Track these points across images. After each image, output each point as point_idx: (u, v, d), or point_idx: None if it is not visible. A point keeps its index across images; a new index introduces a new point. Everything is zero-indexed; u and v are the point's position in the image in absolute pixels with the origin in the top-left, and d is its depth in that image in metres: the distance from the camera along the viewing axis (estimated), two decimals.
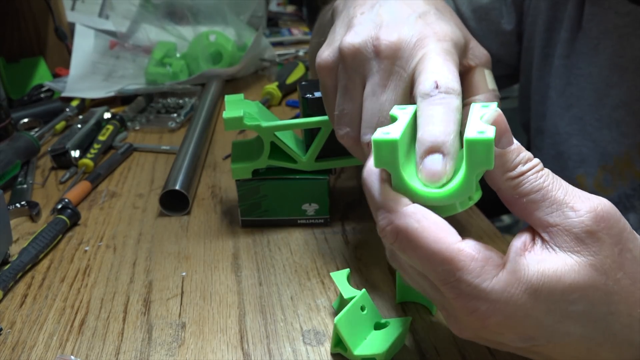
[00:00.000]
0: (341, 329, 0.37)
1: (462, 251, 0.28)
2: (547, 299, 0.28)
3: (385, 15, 0.39)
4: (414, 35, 0.37)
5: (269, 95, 0.90)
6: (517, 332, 0.29)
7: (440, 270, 0.29)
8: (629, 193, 0.53)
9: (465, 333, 0.31)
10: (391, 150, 0.30)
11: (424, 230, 0.29)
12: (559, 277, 0.28)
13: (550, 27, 0.58)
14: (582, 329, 0.29)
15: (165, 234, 0.55)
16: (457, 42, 0.38)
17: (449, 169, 0.30)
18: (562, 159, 0.58)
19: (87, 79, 0.96)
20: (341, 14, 0.44)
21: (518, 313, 0.28)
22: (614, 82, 0.52)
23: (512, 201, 0.30)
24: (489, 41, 0.63)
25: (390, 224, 0.30)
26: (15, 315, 0.45)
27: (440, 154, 0.30)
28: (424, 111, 0.33)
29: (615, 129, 0.53)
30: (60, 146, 0.70)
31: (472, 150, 0.28)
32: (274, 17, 1.49)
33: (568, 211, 0.29)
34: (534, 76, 0.61)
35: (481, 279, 0.28)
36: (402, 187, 0.31)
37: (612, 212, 0.29)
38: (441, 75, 0.34)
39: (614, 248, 0.29)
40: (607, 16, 0.52)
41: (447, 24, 0.39)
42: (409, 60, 0.36)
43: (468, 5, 0.62)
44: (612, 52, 0.52)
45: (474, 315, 0.29)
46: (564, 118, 0.57)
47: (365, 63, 0.38)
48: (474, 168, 0.29)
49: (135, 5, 1.02)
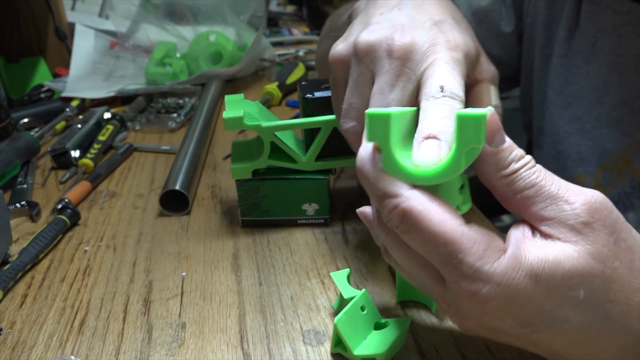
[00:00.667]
0: (341, 329, 0.37)
1: (466, 234, 0.29)
2: (547, 284, 0.29)
3: (402, 18, 0.41)
4: (427, 41, 0.38)
5: (269, 95, 0.90)
6: (518, 318, 0.30)
7: (443, 252, 0.29)
8: (628, 191, 0.53)
9: (466, 323, 0.32)
10: (384, 123, 0.30)
11: (428, 212, 0.29)
12: (558, 263, 0.29)
13: (549, 27, 0.58)
14: (582, 315, 0.29)
15: (165, 234, 0.55)
16: (467, 53, 0.39)
17: (443, 154, 0.30)
18: (561, 158, 0.58)
19: (87, 79, 0.96)
20: (361, 14, 0.45)
21: (519, 297, 0.29)
22: (613, 80, 0.52)
23: (507, 198, 0.31)
24: (490, 43, 0.63)
25: (395, 208, 0.30)
26: (15, 315, 0.45)
27: (436, 140, 0.31)
28: (426, 109, 0.34)
29: (615, 128, 0.53)
30: (60, 146, 0.70)
31: (463, 126, 0.29)
32: (274, 17, 1.49)
33: (563, 204, 0.30)
34: (535, 76, 0.61)
35: (483, 262, 0.29)
36: (392, 166, 0.31)
37: (605, 204, 0.30)
38: (447, 81, 0.35)
39: (609, 238, 0.29)
40: (605, 15, 0.52)
41: (461, 34, 0.40)
42: (419, 64, 0.37)
43: (468, 8, 0.62)
44: (611, 51, 0.52)
45: (475, 298, 0.29)
46: (562, 117, 0.57)
47: (377, 61, 0.39)
48: (464, 144, 0.29)
49: (135, 5, 1.02)
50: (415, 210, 0.30)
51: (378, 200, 0.31)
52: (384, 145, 0.31)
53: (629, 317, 0.30)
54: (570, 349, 0.31)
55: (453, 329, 0.41)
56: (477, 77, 0.44)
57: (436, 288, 0.32)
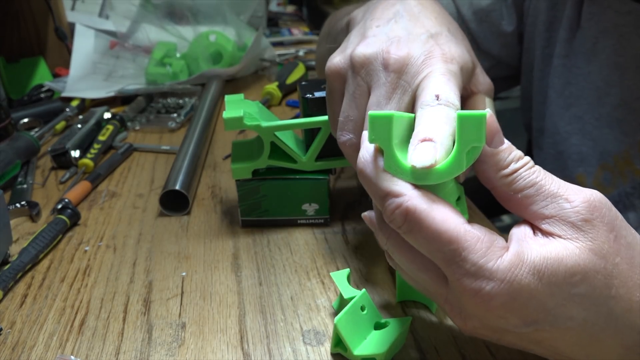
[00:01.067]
0: (341, 329, 0.37)
1: (469, 232, 0.29)
2: (550, 281, 0.29)
3: (399, 30, 0.41)
4: (423, 54, 0.38)
5: (269, 95, 0.90)
6: (521, 316, 0.30)
7: (447, 250, 0.29)
8: (629, 191, 0.53)
9: (469, 323, 0.32)
10: (386, 124, 0.31)
11: (432, 210, 0.30)
12: (560, 260, 0.29)
13: (550, 27, 0.58)
14: (585, 312, 0.30)
15: (165, 234, 0.55)
16: (463, 66, 0.39)
17: (439, 156, 0.31)
18: (562, 158, 0.58)
19: (87, 79, 0.96)
20: (357, 25, 0.45)
21: (522, 294, 0.29)
22: (614, 81, 0.52)
23: (508, 198, 0.32)
24: (490, 43, 0.63)
25: (399, 207, 0.30)
26: (15, 315, 0.45)
27: (432, 142, 0.31)
28: (421, 116, 0.34)
29: (616, 128, 0.53)
30: (60, 146, 0.70)
31: (464, 126, 0.29)
32: (274, 17, 1.49)
33: (563, 202, 0.30)
34: (535, 77, 0.61)
35: (486, 259, 0.29)
36: (394, 167, 0.31)
37: (604, 202, 0.30)
38: (443, 90, 0.35)
39: (609, 234, 0.30)
40: (607, 15, 0.52)
41: (457, 47, 0.40)
42: (415, 76, 0.38)
43: (469, 7, 0.62)
44: (612, 51, 0.52)
45: (478, 296, 0.29)
46: (563, 117, 0.57)
47: (374, 74, 0.39)
48: (466, 144, 0.30)
49: (135, 5, 1.02)
50: (419, 208, 0.30)
51: (380, 201, 0.32)
52: (386, 146, 0.31)
53: (631, 313, 0.30)
54: (574, 348, 0.31)
55: (453, 329, 0.41)
56: (472, 89, 0.44)
57: (439, 290, 0.32)
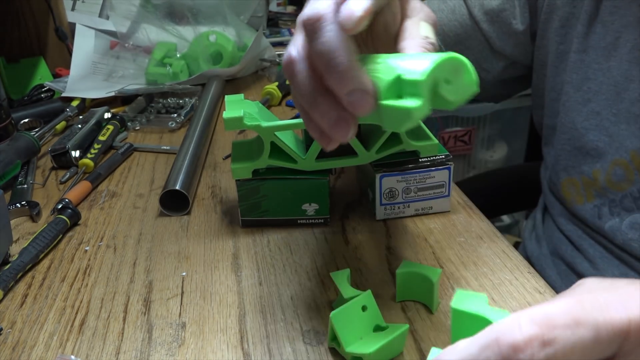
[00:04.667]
0: (335, 323, 0.37)
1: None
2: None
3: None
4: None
5: (269, 95, 0.90)
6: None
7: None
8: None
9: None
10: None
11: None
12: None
13: (567, 23, 0.58)
14: None
15: (165, 234, 0.55)
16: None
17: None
18: (579, 154, 0.58)
19: (88, 79, 0.96)
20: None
21: None
22: (634, 76, 0.52)
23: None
24: (503, 43, 0.64)
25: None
26: (15, 315, 0.45)
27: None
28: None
29: (633, 124, 0.53)
30: (60, 146, 0.70)
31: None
32: (274, 17, 1.49)
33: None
34: (549, 73, 0.61)
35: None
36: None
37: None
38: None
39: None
40: (631, 9, 0.52)
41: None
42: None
43: (480, 8, 0.63)
44: (633, 46, 0.52)
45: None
46: (581, 113, 0.57)
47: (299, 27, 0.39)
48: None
49: (135, 5, 1.02)
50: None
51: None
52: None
53: None
54: None
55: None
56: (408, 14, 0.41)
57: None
